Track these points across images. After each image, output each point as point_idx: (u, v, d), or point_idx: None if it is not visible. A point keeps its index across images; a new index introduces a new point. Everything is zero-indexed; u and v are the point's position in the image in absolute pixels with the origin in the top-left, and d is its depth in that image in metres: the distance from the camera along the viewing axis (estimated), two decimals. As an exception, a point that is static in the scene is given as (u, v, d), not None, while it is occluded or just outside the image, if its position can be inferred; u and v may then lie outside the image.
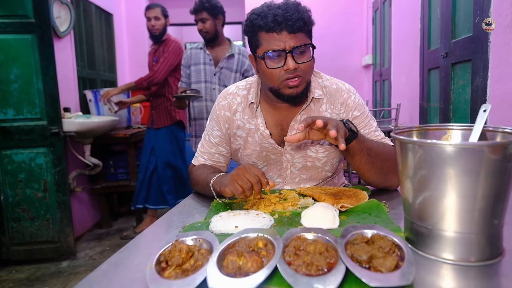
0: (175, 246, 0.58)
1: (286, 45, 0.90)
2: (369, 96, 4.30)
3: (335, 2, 4.31)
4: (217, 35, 2.23)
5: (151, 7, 2.61)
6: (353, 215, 0.78)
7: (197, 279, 0.50)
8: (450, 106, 2.10)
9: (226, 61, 2.22)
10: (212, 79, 2.24)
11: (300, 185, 1.08)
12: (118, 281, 0.57)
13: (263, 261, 0.53)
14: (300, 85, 0.94)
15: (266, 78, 0.96)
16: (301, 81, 0.94)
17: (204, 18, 2.19)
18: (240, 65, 2.23)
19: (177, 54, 2.59)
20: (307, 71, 0.94)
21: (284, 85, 0.94)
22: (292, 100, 0.98)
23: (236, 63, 2.23)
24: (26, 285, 2.05)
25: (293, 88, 0.94)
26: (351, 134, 0.87)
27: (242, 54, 2.24)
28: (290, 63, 0.90)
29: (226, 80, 2.22)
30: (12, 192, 2.23)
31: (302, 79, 0.94)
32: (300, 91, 0.95)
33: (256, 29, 0.93)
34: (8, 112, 2.18)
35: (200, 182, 1.01)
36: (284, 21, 0.88)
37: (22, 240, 2.26)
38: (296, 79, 0.93)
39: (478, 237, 0.54)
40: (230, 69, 2.22)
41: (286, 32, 0.90)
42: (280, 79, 0.93)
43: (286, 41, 0.90)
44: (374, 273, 0.48)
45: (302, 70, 0.93)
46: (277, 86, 0.95)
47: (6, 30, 2.12)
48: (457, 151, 0.52)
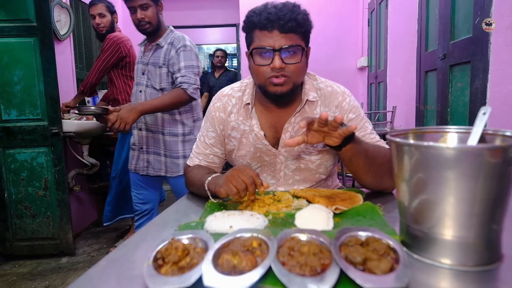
0: (171, 244, 0.58)
1: (276, 43, 0.91)
2: (364, 98, 4.28)
3: (330, 3, 4.26)
4: (159, 26, 1.82)
5: (94, 3, 2.35)
6: (348, 217, 0.78)
7: (193, 276, 0.50)
8: (448, 109, 2.10)
9: (152, 55, 1.81)
10: (141, 80, 1.88)
11: (293, 187, 1.09)
12: (117, 276, 0.58)
13: (258, 260, 0.53)
14: (285, 84, 0.94)
15: (254, 74, 0.98)
16: (287, 80, 0.94)
17: (145, 4, 1.73)
18: (167, 57, 1.78)
19: (112, 51, 2.31)
20: (295, 73, 0.94)
21: (269, 82, 0.94)
22: (276, 99, 0.99)
23: (163, 56, 1.79)
24: (28, 279, 2.12)
25: (278, 86, 0.94)
26: (347, 136, 0.86)
27: (172, 43, 1.78)
28: (276, 61, 0.90)
29: (152, 79, 1.83)
30: (15, 189, 2.30)
31: (288, 79, 0.94)
32: (285, 91, 0.95)
33: (251, 26, 0.94)
34: (11, 112, 2.25)
35: (195, 182, 1.02)
36: (276, 20, 0.89)
37: (25, 236, 2.35)
38: (281, 78, 0.93)
39: (476, 242, 0.53)
40: (156, 64, 1.80)
41: (278, 31, 0.91)
42: (266, 76, 0.94)
43: (276, 40, 0.91)
44: (368, 275, 0.48)
45: (289, 71, 0.93)
46: (263, 83, 0.95)
47: (10, 33, 2.18)
48: (456, 154, 0.51)
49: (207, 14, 4.95)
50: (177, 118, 1.87)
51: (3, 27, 2.16)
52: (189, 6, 4.88)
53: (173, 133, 1.88)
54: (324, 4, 4.24)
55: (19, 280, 2.11)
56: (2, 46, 2.18)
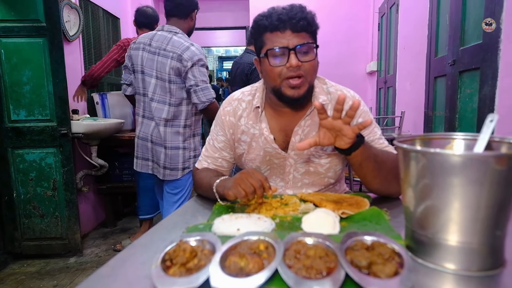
0: (179, 246, 0.59)
1: (290, 42, 0.92)
2: (373, 103, 4.26)
3: (340, 7, 4.26)
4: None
5: None
6: (354, 222, 0.78)
7: (200, 278, 0.51)
8: (456, 115, 2.08)
9: None
10: None
11: (302, 190, 1.09)
12: (126, 277, 0.58)
13: (264, 263, 0.54)
14: (302, 86, 0.95)
15: (268, 76, 0.97)
16: (303, 82, 0.94)
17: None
18: None
19: (115, 49, 2.54)
20: (310, 71, 0.95)
21: (286, 84, 0.94)
22: (293, 102, 0.99)
23: None
24: (36, 279, 2.15)
25: (295, 89, 0.94)
26: (359, 139, 0.87)
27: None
28: (293, 60, 0.91)
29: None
30: (24, 190, 2.33)
31: (304, 79, 0.94)
32: (302, 94, 0.95)
33: (261, 30, 0.95)
34: (20, 113, 2.27)
35: (203, 184, 1.03)
36: (288, 20, 0.91)
37: (33, 235, 2.37)
38: (298, 79, 0.93)
39: (480, 247, 0.54)
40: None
41: (290, 31, 0.92)
42: (282, 77, 0.94)
43: (290, 39, 0.92)
44: (373, 279, 0.49)
45: (305, 69, 0.94)
46: (279, 85, 0.95)
47: (19, 34, 2.20)
48: (462, 160, 0.51)
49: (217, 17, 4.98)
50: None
51: (12, 27, 2.18)
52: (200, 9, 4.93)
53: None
54: (334, 8, 4.23)
55: (28, 279, 2.14)
56: (11, 46, 2.20)
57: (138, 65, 1.89)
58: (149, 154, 1.97)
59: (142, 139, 1.97)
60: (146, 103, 1.91)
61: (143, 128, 1.95)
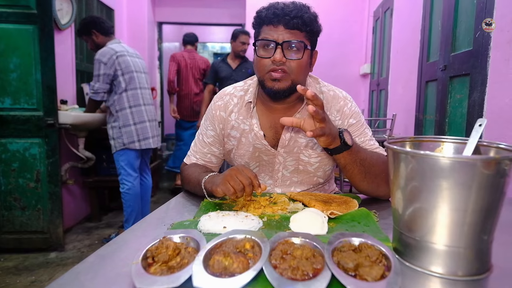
0: (162, 242, 0.58)
1: (280, 37, 0.93)
2: (365, 105, 4.30)
3: (336, 9, 4.29)
4: None
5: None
6: (342, 222, 0.78)
7: (181, 277, 0.49)
8: (446, 119, 2.11)
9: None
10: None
11: (291, 188, 1.09)
12: (104, 274, 0.56)
13: (249, 262, 0.53)
14: (282, 80, 0.94)
15: (256, 67, 0.99)
16: (285, 76, 0.94)
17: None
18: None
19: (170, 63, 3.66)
20: (295, 70, 0.94)
21: (268, 76, 0.95)
22: (273, 95, 0.98)
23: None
24: (13, 274, 2.06)
25: (275, 81, 0.94)
26: (341, 145, 0.87)
27: None
28: (278, 54, 0.92)
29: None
30: (5, 180, 2.24)
31: (287, 75, 0.94)
32: (282, 87, 0.95)
33: (260, 22, 0.97)
34: (5, 101, 2.19)
35: (191, 180, 1.01)
36: (282, 15, 0.92)
37: (12, 228, 2.28)
38: (280, 72, 0.93)
39: (466, 251, 0.54)
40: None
41: (283, 26, 0.93)
42: (266, 70, 0.95)
43: (281, 34, 0.93)
44: (359, 282, 0.48)
45: (290, 66, 0.94)
46: (263, 77, 0.97)
47: (8, 19, 2.13)
48: (450, 163, 0.52)
49: (214, 13, 4.97)
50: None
51: (0, 12, 2.11)
52: (196, 4, 4.90)
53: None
54: (330, 10, 4.26)
55: (3, 274, 2.04)
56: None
57: (130, 67, 2.35)
58: (154, 131, 2.51)
59: (151, 120, 2.48)
60: (143, 93, 2.44)
61: (148, 113, 2.45)
